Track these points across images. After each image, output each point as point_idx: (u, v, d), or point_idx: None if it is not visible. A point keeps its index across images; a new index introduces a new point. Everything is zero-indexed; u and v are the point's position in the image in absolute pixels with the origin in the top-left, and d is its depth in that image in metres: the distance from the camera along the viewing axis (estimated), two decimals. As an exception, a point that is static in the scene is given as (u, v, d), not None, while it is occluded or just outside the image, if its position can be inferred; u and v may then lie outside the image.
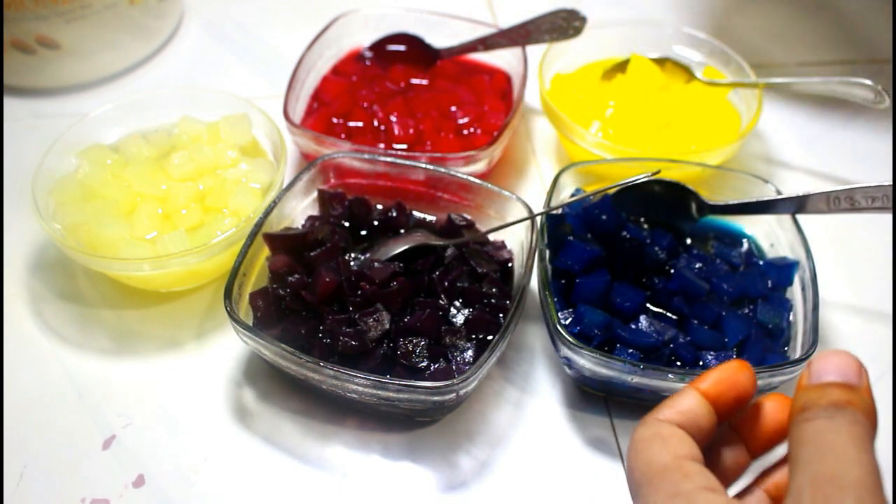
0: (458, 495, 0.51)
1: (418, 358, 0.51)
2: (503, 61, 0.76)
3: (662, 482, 0.32)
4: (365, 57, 0.77)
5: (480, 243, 0.59)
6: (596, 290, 0.54)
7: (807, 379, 0.33)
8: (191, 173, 0.63)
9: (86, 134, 0.64)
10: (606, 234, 0.58)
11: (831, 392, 0.32)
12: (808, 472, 0.30)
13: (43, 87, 0.79)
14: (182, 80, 0.82)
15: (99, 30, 0.77)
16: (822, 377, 0.33)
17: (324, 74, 0.75)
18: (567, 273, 0.56)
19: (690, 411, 0.35)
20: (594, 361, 0.49)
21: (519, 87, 0.71)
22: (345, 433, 0.53)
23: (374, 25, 0.77)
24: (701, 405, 0.36)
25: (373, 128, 0.68)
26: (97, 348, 0.58)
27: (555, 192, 0.59)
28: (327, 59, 0.76)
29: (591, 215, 0.58)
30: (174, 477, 0.51)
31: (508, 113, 0.69)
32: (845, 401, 0.32)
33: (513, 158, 0.73)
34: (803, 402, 0.32)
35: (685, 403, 0.36)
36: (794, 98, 0.80)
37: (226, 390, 0.56)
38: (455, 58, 0.77)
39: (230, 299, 0.51)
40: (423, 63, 0.76)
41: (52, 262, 0.64)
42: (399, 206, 0.61)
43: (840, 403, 0.32)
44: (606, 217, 0.58)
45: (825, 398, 0.32)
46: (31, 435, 0.53)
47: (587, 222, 0.58)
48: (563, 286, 0.56)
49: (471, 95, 0.72)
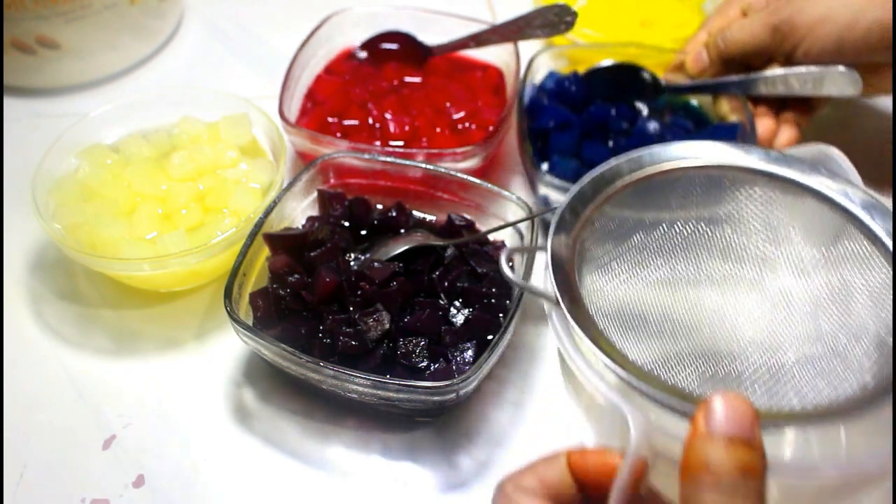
0: (458, 495, 0.51)
1: (418, 358, 0.51)
2: (495, 57, 0.77)
3: None
4: (357, 56, 0.77)
5: (480, 243, 0.59)
6: (568, 144, 0.64)
7: (706, 425, 0.30)
8: (191, 173, 0.63)
9: (86, 134, 0.64)
10: (576, 105, 0.68)
11: (737, 451, 0.29)
12: None
13: (43, 87, 0.79)
14: (182, 80, 0.82)
15: (99, 30, 0.77)
16: (724, 428, 0.29)
17: (317, 74, 0.75)
18: (544, 134, 0.65)
19: (552, 488, 0.34)
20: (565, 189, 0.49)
21: (512, 82, 0.71)
22: (345, 433, 0.53)
23: (366, 24, 0.78)
24: (565, 480, 0.34)
25: (368, 126, 0.69)
26: (97, 348, 0.58)
27: (529, 74, 0.69)
28: (320, 58, 0.76)
29: (563, 87, 0.69)
30: (174, 477, 0.51)
31: (502, 108, 0.70)
32: (751, 467, 0.29)
33: (507, 154, 0.73)
34: (705, 457, 0.29)
35: (551, 475, 0.34)
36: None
37: (226, 390, 0.56)
38: (447, 55, 0.77)
39: (230, 299, 0.51)
40: (416, 61, 0.76)
41: (52, 262, 0.64)
42: (399, 206, 0.61)
43: (747, 470, 0.29)
44: (576, 89, 0.69)
45: (732, 459, 0.29)
46: (31, 435, 0.53)
47: (560, 94, 0.69)
48: (540, 148, 0.65)
49: (464, 91, 0.72)
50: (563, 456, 0.35)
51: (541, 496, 0.33)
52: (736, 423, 0.29)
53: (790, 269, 0.39)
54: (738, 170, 0.40)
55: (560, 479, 0.34)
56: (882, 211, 0.37)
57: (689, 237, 0.40)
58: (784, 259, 0.39)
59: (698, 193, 0.41)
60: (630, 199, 0.40)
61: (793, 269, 0.39)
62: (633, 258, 0.39)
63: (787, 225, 0.40)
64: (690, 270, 0.39)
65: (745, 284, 0.39)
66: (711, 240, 0.40)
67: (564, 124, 0.66)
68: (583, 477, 0.34)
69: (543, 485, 0.34)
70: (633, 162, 0.40)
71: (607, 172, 0.39)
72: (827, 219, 0.39)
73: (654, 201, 0.40)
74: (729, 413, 0.30)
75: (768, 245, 0.40)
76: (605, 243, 0.39)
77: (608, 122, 0.66)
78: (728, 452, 0.29)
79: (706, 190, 0.41)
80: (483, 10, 0.90)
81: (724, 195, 0.41)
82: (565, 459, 0.34)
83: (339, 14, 0.77)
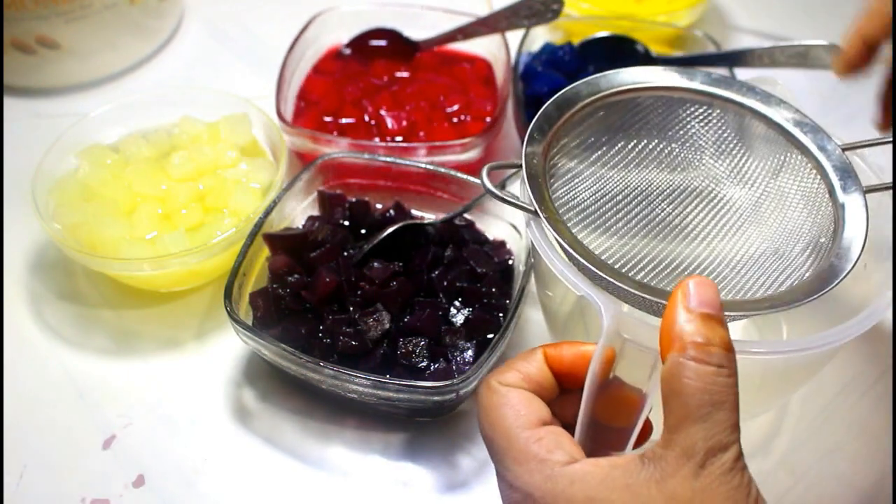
0: (458, 495, 0.51)
1: (418, 358, 0.51)
2: (482, 48, 0.77)
3: (527, 460, 0.33)
4: (344, 54, 0.78)
5: (480, 243, 0.59)
6: None
7: (687, 300, 0.32)
8: (191, 173, 0.63)
9: (86, 134, 0.64)
10: (570, 74, 0.70)
11: (715, 327, 0.31)
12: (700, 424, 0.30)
13: (43, 87, 0.79)
14: (182, 80, 0.82)
15: (99, 30, 0.77)
16: (700, 307, 0.32)
17: (307, 74, 0.75)
18: (537, 100, 0.66)
19: (534, 381, 0.36)
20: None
21: (504, 72, 0.71)
22: (345, 433, 0.53)
23: (351, 22, 0.78)
24: (545, 374, 0.36)
25: (365, 123, 0.69)
26: (97, 348, 0.58)
27: (525, 43, 0.72)
28: (308, 58, 0.76)
29: (557, 57, 0.72)
30: (174, 477, 0.51)
31: (494, 98, 0.71)
32: (726, 342, 0.31)
33: (505, 145, 0.73)
34: (688, 331, 0.31)
35: (531, 370, 0.36)
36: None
37: (226, 390, 0.56)
38: (434, 49, 0.77)
39: (230, 299, 0.51)
40: (403, 56, 0.77)
41: (52, 262, 0.64)
42: (398, 207, 0.61)
43: (724, 343, 0.31)
44: (570, 59, 0.71)
45: (713, 333, 0.31)
46: (31, 435, 0.53)
47: (553, 63, 0.72)
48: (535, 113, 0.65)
49: (455, 84, 0.73)
50: (539, 351, 0.37)
51: (523, 388, 0.35)
52: (708, 303, 0.32)
53: (734, 180, 0.44)
54: (684, 91, 0.45)
55: (538, 372, 0.36)
56: (811, 127, 0.42)
57: (642, 153, 0.44)
58: (729, 171, 0.44)
59: (650, 113, 0.45)
60: (589, 119, 0.44)
61: (737, 180, 0.44)
62: (595, 172, 0.43)
63: (731, 141, 0.45)
64: (644, 182, 0.43)
65: (694, 195, 0.43)
66: (662, 154, 0.45)
67: (558, 90, 0.66)
68: (559, 370, 0.37)
69: (524, 378, 0.36)
70: (590, 85, 0.44)
71: (568, 93, 0.44)
72: (767, 136, 0.44)
73: (610, 121, 0.44)
74: (702, 292, 0.32)
75: (714, 159, 0.44)
76: (570, 159, 0.43)
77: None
78: (707, 327, 0.31)
79: (657, 110, 0.45)
80: (479, 1, 0.90)
81: (674, 114, 0.45)
82: (542, 355, 0.37)
83: (325, 13, 0.77)
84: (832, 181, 0.41)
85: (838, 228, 0.39)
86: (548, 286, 0.52)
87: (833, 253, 0.38)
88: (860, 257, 0.37)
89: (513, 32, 0.73)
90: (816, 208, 0.41)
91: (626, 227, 0.41)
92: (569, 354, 0.37)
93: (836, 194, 0.40)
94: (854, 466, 0.51)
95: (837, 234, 0.39)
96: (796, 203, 0.42)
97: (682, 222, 0.42)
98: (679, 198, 0.43)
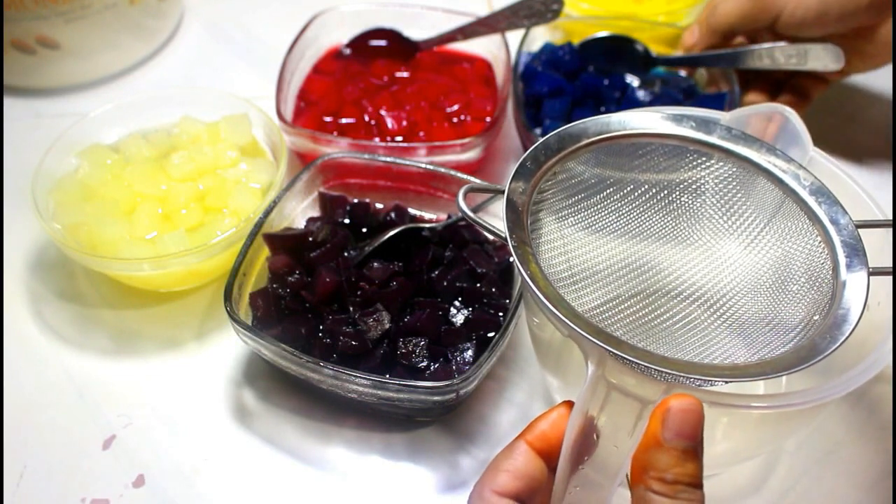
0: (458, 495, 0.51)
1: (418, 358, 0.51)
2: (482, 48, 0.77)
3: None
4: (344, 54, 0.78)
5: (480, 243, 0.59)
6: (560, 110, 0.67)
7: (664, 429, 0.32)
8: (191, 173, 0.63)
9: (86, 134, 0.64)
10: (570, 74, 0.71)
11: (689, 464, 0.32)
12: None
13: (43, 87, 0.79)
14: (182, 80, 0.82)
15: (99, 30, 0.77)
16: (680, 439, 0.32)
17: (307, 74, 0.75)
18: (537, 100, 0.68)
19: (526, 475, 0.34)
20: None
21: (504, 72, 0.71)
22: (345, 433, 0.53)
23: (351, 22, 0.78)
24: (533, 463, 0.35)
25: (365, 123, 0.69)
26: (97, 348, 0.58)
27: (525, 43, 0.72)
28: (308, 58, 0.76)
29: (557, 56, 0.72)
30: (174, 477, 0.51)
31: (494, 98, 0.71)
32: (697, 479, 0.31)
33: (505, 145, 0.73)
34: (661, 464, 0.32)
35: (518, 465, 0.35)
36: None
37: (226, 390, 0.56)
38: (434, 49, 0.77)
39: (230, 299, 0.51)
40: (403, 56, 0.77)
41: (52, 262, 0.64)
42: (398, 209, 0.61)
43: (695, 484, 0.31)
44: (570, 59, 0.72)
45: (684, 471, 0.31)
46: (31, 435, 0.53)
47: (553, 62, 0.72)
48: (534, 114, 0.68)
49: (455, 84, 0.73)
50: (521, 443, 0.35)
51: (519, 490, 0.34)
52: (686, 434, 0.32)
53: (736, 240, 0.42)
54: (700, 143, 0.43)
55: (526, 464, 0.35)
56: (828, 198, 0.41)
57: (643, 199, 0.43)
58: (731, 230, 0.43)
59: (658, 161, 0.43)
60: (593, 157, 0.42)
61: (739, 241, 0.42)
62: (589, 211, 0.42)
63: (739, 200, 0.43)
64: (641, 228, 0.42)
65: (692, 248, 0.42)
66: (665, 202, 0.43)
67: (557, 90, 0.68)
68: (548, 449, 0.35)
69: (516, 477, 0.34)
70: (600, 124, 0.43)
71: (574, 129, 0.42)
72: (781, 201, 0.42)
73: (614, 163, 0.43)
74: (682, 420, 0.32)
75: (719, 216, 0.43)
76: (564, 195, 0.41)
77: (600, 91, 0.69)
78: (679, 463, 0.32)
79: (665, 158, 0.43)
80: (479, 1, 0.90)
81: (683, 165, 0.43)
82: (525, 445, 0.35)
83: (325, 13, 0.77)
84: (838, 257, 0.38)
85: (833, 306, 0.37)
86: (536, 313, 0.49)
87: (821, 331, 0.36)
88: (847, 338, 0.35)
89: (513, 32, 0.73)
90: (818, 283, 0.39)
91: (611, 274, 0.39)
92: (549, 429, 0.35)
93: (840, 271, 0.38)
94: (854, 466, 0.51)
95: (831, 311, 0.37)
96: (798, 276, 0.40)
97: (674, 280, 0.40)
98: (673, 246, 0.42)
